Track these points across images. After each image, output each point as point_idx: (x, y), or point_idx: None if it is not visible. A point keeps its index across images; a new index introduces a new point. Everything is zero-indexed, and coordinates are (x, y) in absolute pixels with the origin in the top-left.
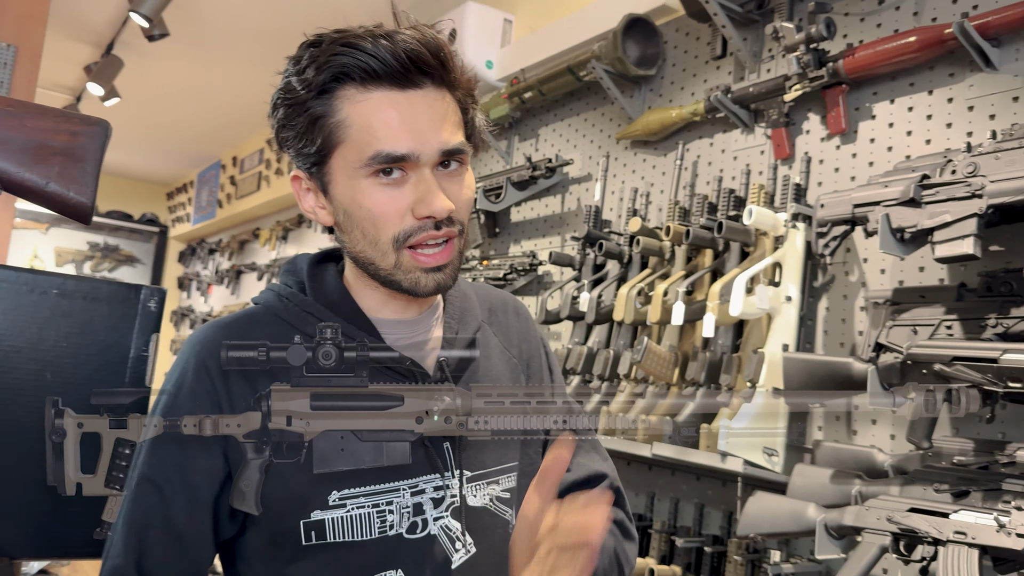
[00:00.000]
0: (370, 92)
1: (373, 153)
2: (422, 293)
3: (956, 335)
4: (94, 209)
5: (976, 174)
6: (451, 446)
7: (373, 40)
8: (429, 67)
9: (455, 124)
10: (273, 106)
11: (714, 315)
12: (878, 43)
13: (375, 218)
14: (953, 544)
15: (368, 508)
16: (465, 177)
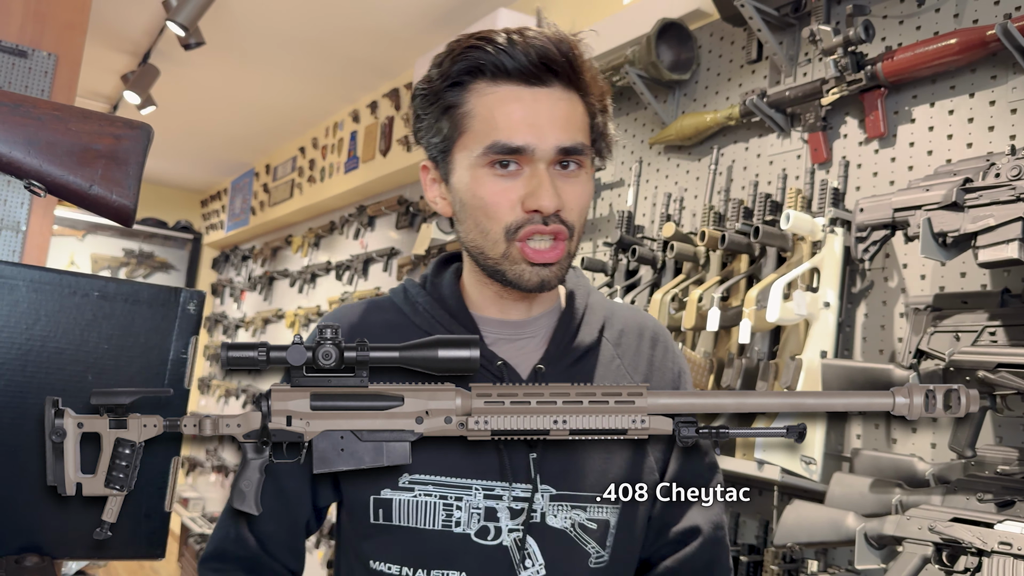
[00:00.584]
0: (498, 86)
1: (491, 143)
2: (525, 287)
3: (1000, 341)
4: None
5: (1021, 177)
6: (535, 459)
7: (507, 37)
8: (558, 67)
9: (578, 126)
10: (412, 96)
11: (750, 321)
12: (918, 46)
13: (487, 207)
14: (998, 555)
15: (435, 498)
16: (582, 179)
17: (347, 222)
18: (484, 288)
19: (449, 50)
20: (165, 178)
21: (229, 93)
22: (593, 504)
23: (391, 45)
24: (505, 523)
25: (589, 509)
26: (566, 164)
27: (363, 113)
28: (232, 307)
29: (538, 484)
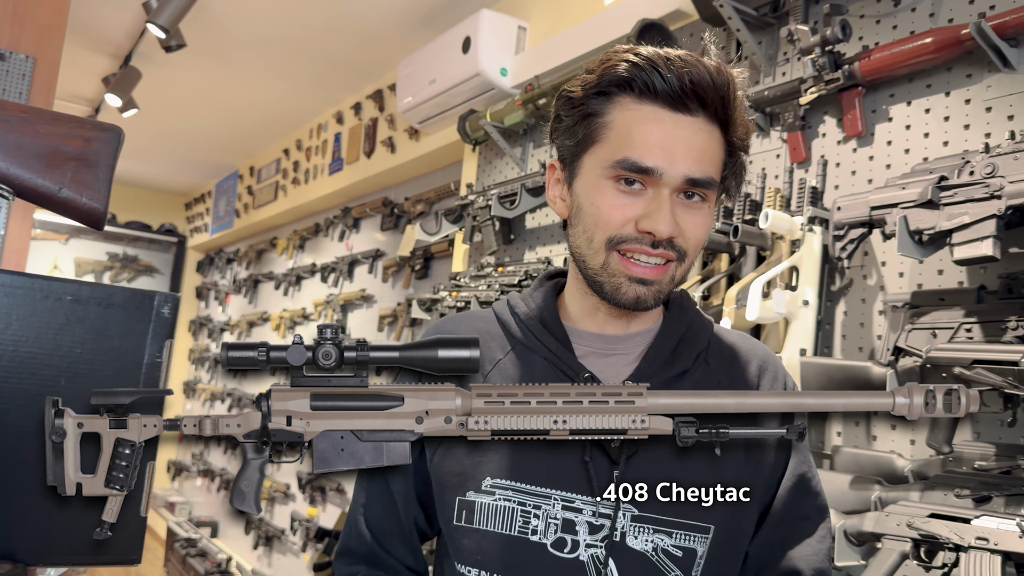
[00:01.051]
0: (642, 105)
1: (622, 157)
2: (621, 301)
3: (976, 338)
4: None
5: (995, 175)
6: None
7: (665, 58)
8: (707, 99)
9: (712, 160)
10: (556, 97)
11: (731, 320)
12: (894, 45)
13: (599, 216)
14: (975, 550)
15: (514, 504)
16: (704, 212)
17: (332, 224)
18: (585, 299)
19: (603, 60)
20: (149, 181)
21: (212, 95)
22: (680, 530)
23: (374, 46)
24: (583, 538)
25: (675, 535)
26: (691, 195)
27: (347, 115)
28: (217, 310)
29: (619, 502)
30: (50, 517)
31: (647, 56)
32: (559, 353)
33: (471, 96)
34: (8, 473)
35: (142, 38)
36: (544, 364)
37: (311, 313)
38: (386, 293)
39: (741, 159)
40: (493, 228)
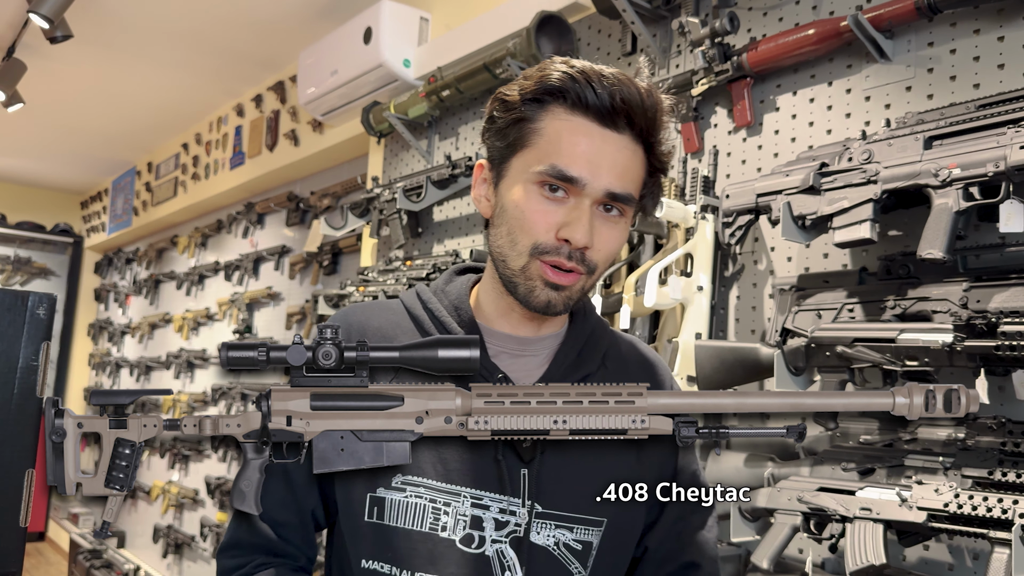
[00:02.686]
0: (574, 116)
1: (549, 164)
2: (533, 304)
3: (858, 317)
4: None
5: (871, 160)
6: (528, 474)
7: (600, 74)
8: (635, 119)
9: (633, 177)
10: (492, 98)
11: (630, 306)
12: (779, 36)
13: (525, 220)
14: (859, 520)
15: (425, 501)
16: (620, 227)
17: (235, 220)
18: (499, 299)
19: (539, 68)
20: (41, 179)
21: (105, 88)
22: (579, 525)
23: (274, 37)
24: (490, 533)
25: (576, 530)
26: (610, 208)
27: (247, 107)
28: (117, 313)
29: (526, 499)
30: None
31: (583, 70)
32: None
33: (375, 88)
34: None
35: (25, 29)
36: None
37: (215, 313)
38: (294, 290)
39: (660, 180)
40: (400, 222)
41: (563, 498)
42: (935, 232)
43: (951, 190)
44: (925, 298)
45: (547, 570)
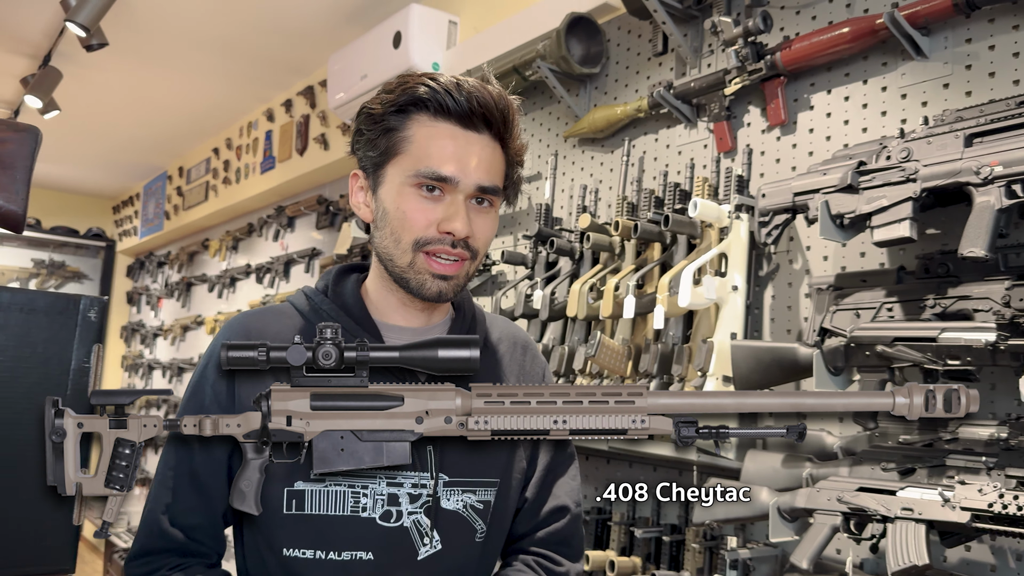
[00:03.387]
0: (438, 123)
1: (423, 167)
2: (426, 295)
3: (897, 316)
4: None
5: (910, 159)
6: (433, 449)
7: (456, 83)
8: (492, 119)
9: (497, 171)
10: (358, 113)
11: (664, 307)
12: (813, 35)
13: (406, 220)
14: (901, 520)
15: (344, 487)
16: (491, 216)
17: (266, 224)
18: (389, 295)
19: (401, 81)
20: (75, 184)
21: (137, 94)
22: (480, 487)
23: (303, 42)
24: (406, 507)
25: (478, 492)
26: (481, 200)
27: (278, 112)
28: (149, 315)
29: (435, 472)
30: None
31: (441, 81)
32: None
33: None
34: None
35: (62, 37)
36: None
37: None
38: None
39: (518, 172)
40: None
41: (464, 466)
42: (977, 230)
43: (993, 188)
44: (966, 297)
45: (457, 530)
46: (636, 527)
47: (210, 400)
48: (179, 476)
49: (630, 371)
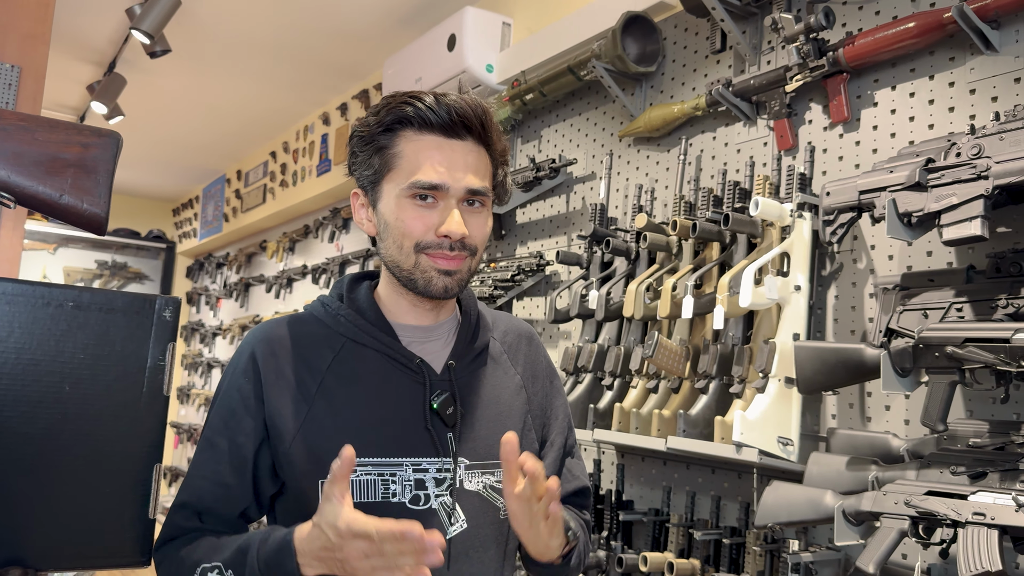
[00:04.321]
0: (423, 136)
1: (415, 179)
2: (433, 292)
3: (967, 317)
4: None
5: (981, 155)
6: (454, 437)
7: (434, 98)
8: (471, 126)
9: (484, 173)
10: (349, 137)
11: (724, 307)
12: (877, 30)
13: (406, 229)
14: (972, 525)
15: (374, 476)
16: (484, 215)
17: (321, 225)
18: (400, 298)
19: (385, 103)
20: (136, 188)
21: (197, 99)
22: (498, 469)
23: (358, 46)
24: (432, 490)
25: (496, 473)
26: (472, 202)
27: (333, 115)
28: (208, 315)
29: (456, 457)
30: (58, 521)
31: (420, 98)
32: (390, 344)
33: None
34: (14, 479)
35: (126, 44)
36: (377, 356)
37: None
38: None
39: (505, 171)
40: None
41: (483, 450)
42: None
43: None
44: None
45: (480, 509)
46: (695, 529)
47: (237, 403)
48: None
49: (688, 372)
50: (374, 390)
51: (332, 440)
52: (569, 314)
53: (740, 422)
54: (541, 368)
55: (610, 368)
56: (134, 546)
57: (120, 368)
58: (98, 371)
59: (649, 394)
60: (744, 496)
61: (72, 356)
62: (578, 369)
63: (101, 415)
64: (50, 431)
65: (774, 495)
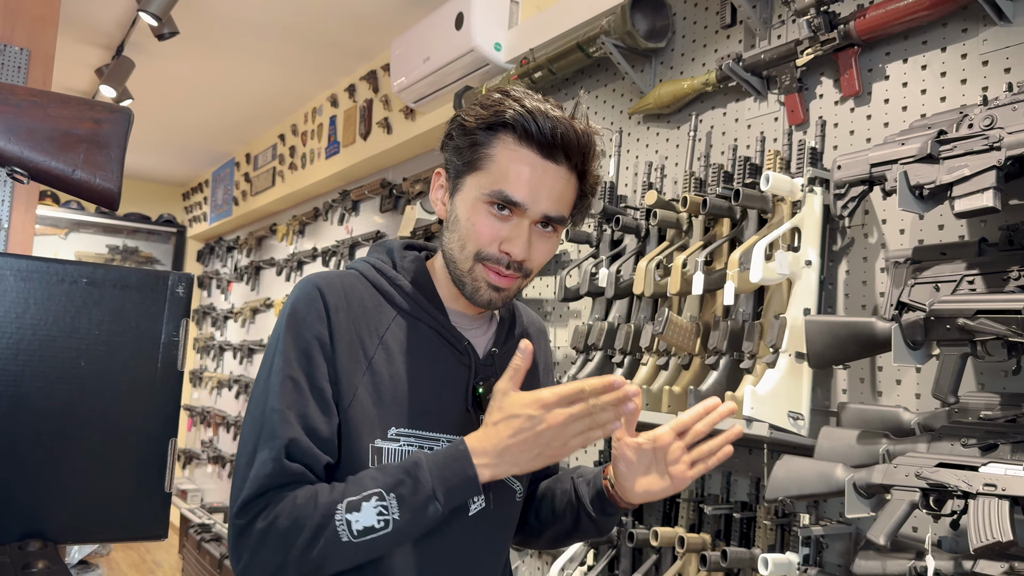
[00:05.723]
0: (521, 147)
1: (498, 189)
2: (478, 301)
3: (979, 289)
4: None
5: (993, 126)
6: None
7: (543, 113)
8: (571, 154)
9: (567, 201)
10: (452, 119)
11: (734, 283)
12: (889, 2)
13: (474, 232)
14: (983, 496)
15: (415, 448)
16: (553, 240)
17: (331, 208)
18: (451, 286)
19: (496, 100)
20: (145, 172)
21: (205, 83)
22: None
23: (366, 27)
24: None
25: None
26: (546, 225)
27: (341, 97)
28: (220, 298)
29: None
30: (76, 496)
31: (531, 108)
32: (444, 323)
33: (466, 73)
34: (32, 454)
35: (134, 27)
36: (429, 331)
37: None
38: None
39: (589, 200)
40: None
41: None
42: None
43: None
44: None
45: (500, 491)
46: (705, 504)
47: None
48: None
49: (699, 348)
50: (425, 364)
51: (382, 405)
52: (579, 292)
53: (751, 397)
54: (550, 363)
55: (620, 346)
56: (151, 519)
57: (135, 344)
58: (114, 347)
59: (659, 371)
60: (755, 471)
61: (87, 332)
62: (588, 347)
63: (117, 391)
64: (68, 407)
65: (784, 469)
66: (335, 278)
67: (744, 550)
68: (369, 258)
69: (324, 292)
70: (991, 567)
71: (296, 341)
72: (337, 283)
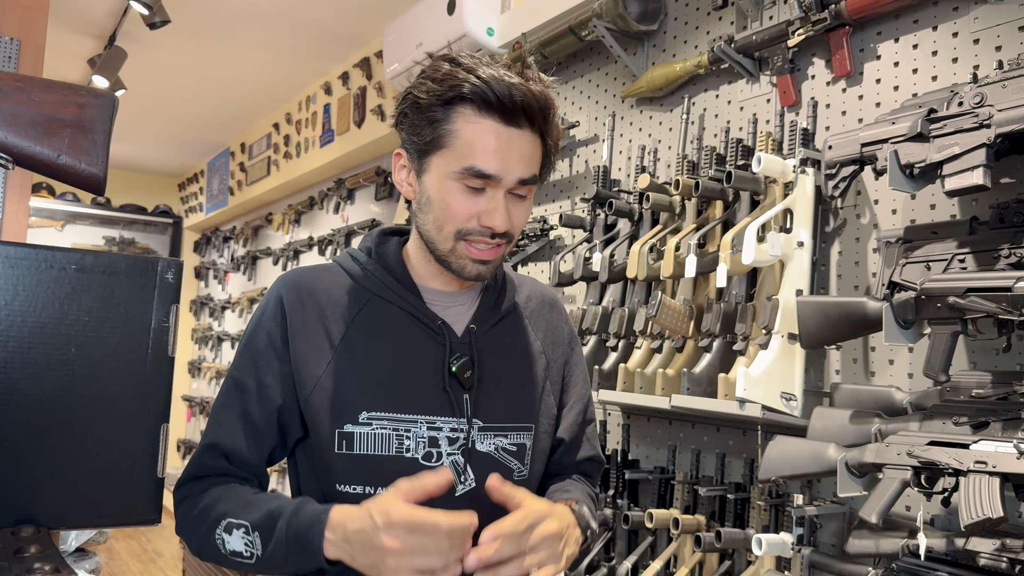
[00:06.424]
0: (482, 118)
1: (468, 165)
2: (466, 277)
3: (970, 268)
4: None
5: (983, 104)
6: (469, 399)
7: (499, 80)
8: (533, 116)
9: (536, 161)
10: (403, 96)
11: (727, 265)
12: None
13: (449, 212)
14: (974, 474)
15: (389, 431)
16: (528, 202)
17: (326, 196)
18: (428, 264)
19: (448, 74)
20: (140, 163)
21: (199, 72)
22: (513, 432)
23: (358, 13)
24: (445, 448)
25: (510, 436)
26: (520, 189)
27: (335, 85)
28: (217, 289)
29: (470, 418)
30: (69, 481)
31: (486, 77)
32: (415, 304)
33: None
34: (24, 441)
35: (125, 16)
36: (401, 313)
37: None
38: None
39: (552, 156)
40: None
41: (497, 414)
42: None
43: None
44: None
45: (490, 470)
46: (700, 485)
47: (265, 346)
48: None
49: (692, 331)
50: (396, 347)
51: (350, 391)
52: (573, 277)
53: (743, 378)
54: (563, 335)
55: (614, 329)
56: (144, 504)
57: (125, 330)
58: (103, 333)
59: (653, 354)
60: (748, 452)
61: (77, 319)
62: (583, 331)
63: (108, 377)
64: (58, 393)
65: (777, 449)
66: (304, 273)
67: (738, 531)
68: (350, 248)
69: (283, 290)
70: (983, 544)
71: (249, 342)
72: (304, 278)
